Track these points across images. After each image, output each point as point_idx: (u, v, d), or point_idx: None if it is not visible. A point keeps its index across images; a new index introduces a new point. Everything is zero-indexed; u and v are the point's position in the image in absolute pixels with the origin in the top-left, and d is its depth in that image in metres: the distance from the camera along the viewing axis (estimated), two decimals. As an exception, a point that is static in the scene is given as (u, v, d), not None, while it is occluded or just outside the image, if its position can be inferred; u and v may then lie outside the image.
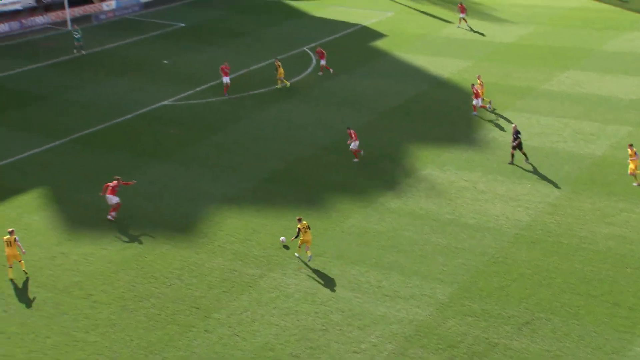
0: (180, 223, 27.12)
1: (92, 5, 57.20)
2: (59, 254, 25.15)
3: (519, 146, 31.09)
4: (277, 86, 40.61)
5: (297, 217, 25.03)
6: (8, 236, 23.99)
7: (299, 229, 24.44)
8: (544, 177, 30.16)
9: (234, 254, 25.13)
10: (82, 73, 43.43)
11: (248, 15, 57.83)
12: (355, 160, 31.94)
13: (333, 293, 23.00)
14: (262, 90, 40.89)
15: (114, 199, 26.97)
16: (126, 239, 26.05)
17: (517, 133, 31.09)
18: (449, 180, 30.32)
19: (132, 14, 57.47)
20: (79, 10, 55.92)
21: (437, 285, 23.33)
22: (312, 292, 23.05)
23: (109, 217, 27.14)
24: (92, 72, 43.60)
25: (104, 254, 25.14)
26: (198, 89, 41.14)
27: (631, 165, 29.17)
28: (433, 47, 48.80)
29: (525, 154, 31.37)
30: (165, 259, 24.86)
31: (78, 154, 32.90)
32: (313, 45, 49.32)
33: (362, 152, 32.09)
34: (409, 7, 60.27)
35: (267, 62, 45.20)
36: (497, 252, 25.07)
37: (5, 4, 52.18)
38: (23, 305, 22.57)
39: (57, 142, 33.83)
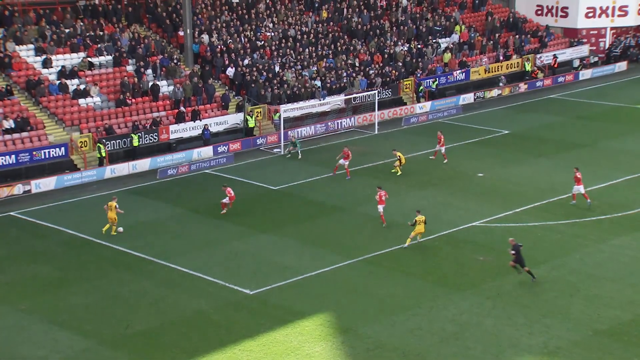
0: (483, 376, 26.41)
1: (404, 107, 60.53)
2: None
3: None
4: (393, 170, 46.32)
5: (417, 210, 35.68)
6: (112, 202, 37.58)
7: (416, 220, 35.16)
8: None
9: None
10: (370, 184, 44.74)
11: (590, 123, 56.59)
12: None
13: None
14: (605, 216, 39.36)
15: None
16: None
17: None
18: None
19: (447, 118, 59.43)
20: (389, 113, 59.41)
21: None
22: None
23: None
24: (392, 183, 45.11)
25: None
26: (518, 209, 40.67)
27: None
28: None
29: None
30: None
31: (367, 277, 33.78)
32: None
33: None
34: None
35: (613, 182, 43.75)
36: None
37: (314, 105, 56.89)
38: None
39: (347, 262, 35.11)
